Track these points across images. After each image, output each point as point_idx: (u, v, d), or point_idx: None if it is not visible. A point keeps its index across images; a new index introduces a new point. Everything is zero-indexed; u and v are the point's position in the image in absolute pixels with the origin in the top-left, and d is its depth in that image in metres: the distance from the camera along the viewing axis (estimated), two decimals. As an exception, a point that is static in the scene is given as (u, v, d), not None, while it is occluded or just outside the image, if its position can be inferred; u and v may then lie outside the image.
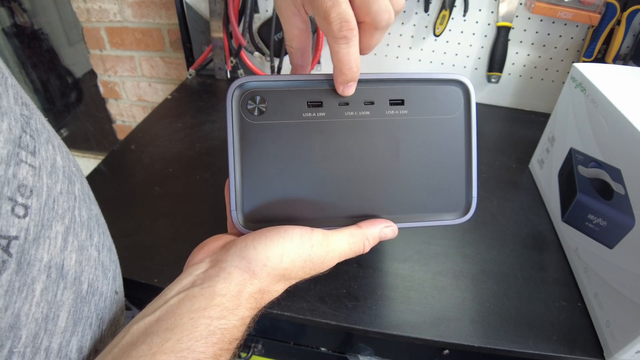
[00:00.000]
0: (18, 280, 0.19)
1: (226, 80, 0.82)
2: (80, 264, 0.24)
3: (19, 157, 0.20)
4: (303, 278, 0.26)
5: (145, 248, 0.44)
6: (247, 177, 0.28)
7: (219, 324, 0.22)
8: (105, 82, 1.00)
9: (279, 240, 0.25)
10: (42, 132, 0.23)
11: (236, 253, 0.25)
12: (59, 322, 0.22)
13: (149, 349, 0.20)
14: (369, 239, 0.28)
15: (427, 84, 0.28)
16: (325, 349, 0.49)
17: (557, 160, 0.51)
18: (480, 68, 0.74)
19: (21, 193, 0.20)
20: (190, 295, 0.23)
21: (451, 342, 0.38)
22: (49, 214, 0.21)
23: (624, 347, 0.35)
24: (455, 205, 0.29)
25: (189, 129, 0.66)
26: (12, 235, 0.19)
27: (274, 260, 0.24)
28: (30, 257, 0.20)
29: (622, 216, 0.36)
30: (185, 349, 0.20)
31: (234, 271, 0.24)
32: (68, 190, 0.24)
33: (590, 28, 0.66)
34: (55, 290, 0.22)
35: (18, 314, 0.19)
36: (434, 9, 0.68)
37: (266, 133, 0.27)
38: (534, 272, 0.45)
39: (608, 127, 0.40)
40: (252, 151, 0.28)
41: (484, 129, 0.72)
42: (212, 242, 0.28)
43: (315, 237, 0.26)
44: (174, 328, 0.21)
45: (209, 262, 0.26)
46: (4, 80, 0.20)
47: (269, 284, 0.25)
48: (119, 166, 0.57)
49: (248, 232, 0.28)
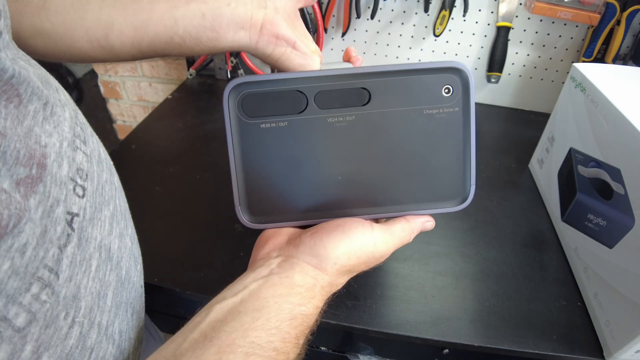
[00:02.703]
0: (79, 254, 0.21)
1: (226, 80, 0.82)
2: (120, 250, 0.25)
3: (75, 144, 0.22)
4: (364, 270, 0.29)
5: (145, 248, 0.44)
6: (248, 174, 0.28)
7: (300, 310, 0.24)
8: (106, 82, 1.00)
9: (346, 240, 0.27)
10: (87, 126, 0.25)
11: (306, 251, 0.27)
12: (107, 301, 0.23)
13: (241, 326, 0.22)
14: (414, 231, 0.30)
15: (423, 73, 0.27)
16: (325, 348, 0.49)
17: (557, 160, 0.51)
18: (480, 68, 0.74)
19: (80, 175, 0.21)
20: (270, 283, 0.25)
21: (451, 341, 0.38)
22: (99, 199, 0.23)
23: (623, 347, 0.35)
24: (455, 194, 0.30)
25: (190, 129, 0.66)
26: (74, 212, 0.20)
27: (342, 258, 0.27)
28: (88, 235, 0.22)
29: (622, 216, 0.36)
30: (274, 327, 0.22)
31: (306, 267, 0.26)
32: (111, 180, 0.26)
33: (590, 28, 0.66)
34: (104, 270, 0.23)
35: (79, 286, 0.21)
36: (434, 9, 0.68)
37: (263, 132, 0.28)
38: (534, 271, 0.45)
39: (608, 127, 0.40)
40: (251, 150, 0.28)
41: (484, 129, 0.72)
42: (275, 236, 0.29)
43: (376, 235, 0.28)
44: (262, 309, 0.23)
45: (280, 257, 0.28)
46: (54, 80, 0.22)
47: (337, 278, 0.27)
48: (119, 166, 0.57)
49: (254, 226, 0.29)
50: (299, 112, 0.27)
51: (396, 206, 0.29)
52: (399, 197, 0.29)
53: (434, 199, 0.29)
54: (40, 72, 0.22)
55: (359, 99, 0.27)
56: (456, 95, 0.28)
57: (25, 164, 0.17)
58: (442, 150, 0.28)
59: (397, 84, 0.27)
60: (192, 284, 0.41)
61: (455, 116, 0.28)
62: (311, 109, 0.27)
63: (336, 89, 0.27)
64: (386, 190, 0.29)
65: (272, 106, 0.27)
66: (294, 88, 0.27)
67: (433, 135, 0.28)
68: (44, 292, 0.18)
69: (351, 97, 0.27)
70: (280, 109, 0.27)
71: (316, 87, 0.27)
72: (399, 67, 0.27)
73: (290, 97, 0.27)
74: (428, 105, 0.28)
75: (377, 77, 0.27)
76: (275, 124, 0.27)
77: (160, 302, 0.43)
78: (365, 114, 0.28)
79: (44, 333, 0.18)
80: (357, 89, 0.27)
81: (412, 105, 0.27)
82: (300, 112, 0.27)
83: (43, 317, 0.18)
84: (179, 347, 0.21)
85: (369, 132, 0.28)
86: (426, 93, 0.27)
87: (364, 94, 0.27)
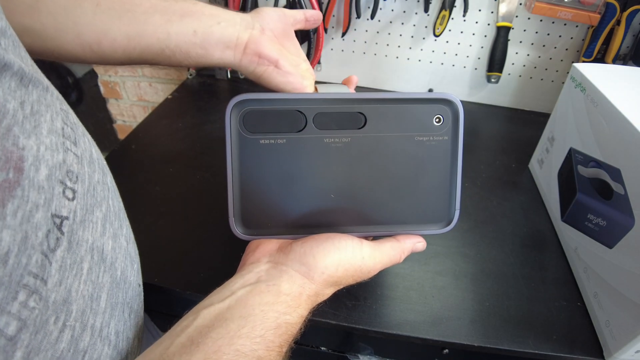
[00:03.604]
0: (69, 257, 0.20)
1: (226, 80, 0.82)
2: (115, 250, 0.25)
3: (65, 145, 0.21)
4: (350, 284, 0.29)
5: (145, 248, 0.44)
6: (244, 187, 0.29)
7: (284, 319, 0.24)
8: (106, 82, 1.00)
9: (335, 252, 0.28)
10: (78, 126, 0.24)
11: (296, 259, 0.27)
12: (100, 303, 0.23)
13: (227, 333, 0.22)
14: (405, 251, 0.31)
15: (416, 103, 0.29)
16: (325, 348, 0.49)
17: (557, 160, 0.51)
18: (480, 68, 0.74)
19: (69, 178, 0.21)
20: (257, 290, 0.25)
21: (451, 341, 0.38)
22: (91, 200, 0.23)
23: (623, 347, 0.35)
24: (440, 217, 0.31)
25: (190, 129, 0.66)
26: (64, 215, 0.20)
27: (330, 269, 0.27)
28: (79, 238, 0.21)
29: (622, 216, 0.36)
30: (259, 335, 0.23)
31: (294, 275, 0.27)
32: (103, 180, 0.26)
33: (590, 28, 0.66)
34: (97, 272, 0.23)
35: (70, 290, 0.20)
36: (434, 9, 0.68)
37: (262, 147, 0.29)
38: (534, 271, 0.45)
39: (608, 127, 0.40)
40: (249, 164, 0.29)
41: (484, 129, 0.72)
42: (266, 243, 0.30)
43: (365, 250, 0.29)
44: (248, 317, 0.23)
45: (269, 263, 0.28)
46: (44, 77, 0.22)
47: (323, 289, 0.28)
48: (119, 166, 0.58)
49: (246, 238, 0.30)
50: (297, 130, 0.29)
51: (384, 226, 0.31)
52: (388, 218, 0.30)
53: (421, 221, 0.31)
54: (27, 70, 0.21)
55: (355, 122, 0.29)
56: (446, 125, 0.29)
57: (1, 167, 0.17)
58: (430, 175, 0.30)
59: (391, 110, 0.29)
60: (192, 284, 0.41)
61: (444, 144, 0.29)
62: (309, 128, 0.29)
63: (334, 111, 0.29)
64: (376, 210, 0.30)
65: (272, 124, 0.28)
66: (294, 108, 0.28)
67: (422, 161, 0.29)
68: (32, 298, 0.18)
69: (348, 120, 0.29)
70: (280, 126, 0.28)
71: (315, 109, 0.28)
72: (394, 95, 0.29)
73: (290, 116, 0.28)
74: (419, 133, 0.29)
75: (373, 104, 0.29)
76: (274, 140, 0.28)
77: (160, 302, 0.43)
78: (360, 137, 0.29)
79: (34, 339, 0.18)
80: (354, 113, 0.29)
81: (404, 131, 0.29)
82: (299, 131, 0.29)
83: (33, 323, 0.18)
84: (166, 351, 0.22)
85: (362, 154, 0.29)
86: (418, 121, 0.29)
87: (360, 118, 0.29)
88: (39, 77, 0.21)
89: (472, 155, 0.63)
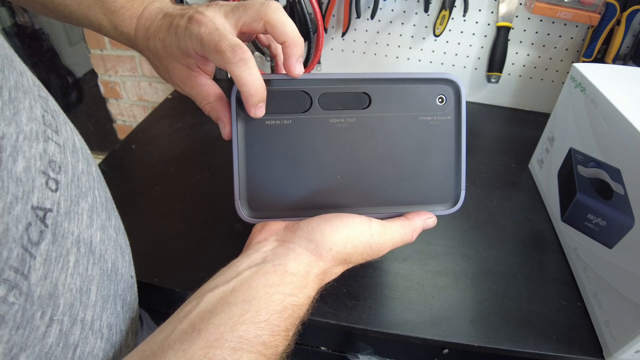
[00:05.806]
0: (54, 250, 0.20)
1: (226, 79, 0.82)
2: (104, 242, 0.25)
3: (46, 134, 0.20)
4: (359, 263, 0.29)
5: (145, 247, 0.44)
6: (250, 169, 0.29)
7: (290, 301, 0.24)
8: (106, 81, 1.00)
9: (343, 228, 0.27)
10: (59, 113, 0.24)
11: (303, 236, 0.27)
12: (90, 296, 0.23)
13: (229, 318, 0.22)
14: (416, 229, 0.30)
15: (419, 83, 0.29)
16: (325, 348, 0.49)
17: (557, 160, 0.51)
18: (480, 68, 0.74)
19: (52, 168, 0.20)
20: (263, 271, 0.24)
21: (451, 341, 0.38)
22: (76, 191, 0.22)
23: (623, 347, 0.35)
24: (446, 197, 0.31)
25: (190, 129, 0.66)
26: (47, 207, 0.19)
27: (339, 244, 0.26)
28: (64, 230, 0.21)
29: (622, 216, 0.36)
30: (263, 320, 0.22)
31: (302, 252, 0.26)
32: (88, 170, 0.25)
33: (590, 28, 0.66)
34: (86, 264, 0.22)
35: (56, 283, 0.20)
36: (434, 9, 0.68)
37: (268, 128, 0.29)
38: (534, 271, 0.45)
39: (608, 127, 0.40)
40: (254, 145, 0.29)
41: (484, 129, 0.72)
42: (272, 223, 0.30)
43: (374, 227, 0.28)
44: (252, 300, 0.23)
45: (276, 241, 0.28)
46: (19, 62, 0.21)
47: (332, 267, 0.27)
48: (119, 166, 0.58)
49: (251, 220, 0.30)
50: (303, 111, 0.29)
51: (391, 207, 0.30)
52: (394, 198, 0.30)
53: (427, 202, 0.31)
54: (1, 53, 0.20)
55: (360, 102, 0.29)
56: (449, 105, 0.29)
57: None
58: (435, 155, 0.30)
59: (395, 90, 0.29)
60: (192, 284, 0.40)
61: (447, 124, 0.29)
62: (315, 109, 0.29)
63: (339, 91, 0.29)
64: (381, 191, 0.30)
65: (278, 104, 0.28)
66: (299, 88, 0.28)
67: (427, 140, 0.29)
68: (12, 293, 0.17)
69: (353, 101, 0.29)
70: (286, 107, 0.28)
71: (321, 89, 0.28)
72: (397, 75, 0.29)
73: (296, 96, 0.28)
74: (423, 112, 0.29)
75: (377, 84, 0.29)
76: (280, 121, 0.28)
77: (160, 302, 0.43)
78: (365, 117, 0.29)
79: (16, 334, 0.18)
80: (358, 93, 0.29)
81: (408, 111, 0.29)
82: (304, 111, 0.29)
83: (12, 318, 0.17)
84: (167, 339, 0.21)
85: (367, 134, 0.29)
86: (421, 101, 0.29)
87: (364, 98, 0.29)
88: (14, 60, 0.20)
89: (472, 155, 0.63)
